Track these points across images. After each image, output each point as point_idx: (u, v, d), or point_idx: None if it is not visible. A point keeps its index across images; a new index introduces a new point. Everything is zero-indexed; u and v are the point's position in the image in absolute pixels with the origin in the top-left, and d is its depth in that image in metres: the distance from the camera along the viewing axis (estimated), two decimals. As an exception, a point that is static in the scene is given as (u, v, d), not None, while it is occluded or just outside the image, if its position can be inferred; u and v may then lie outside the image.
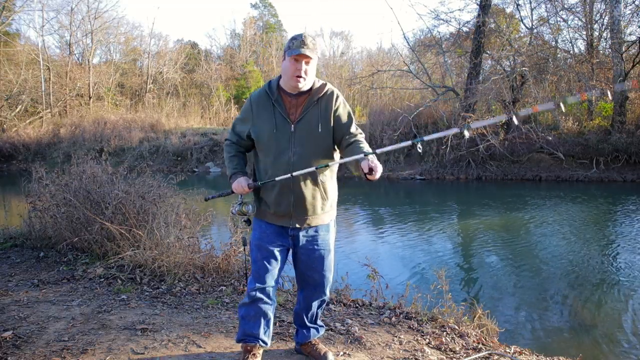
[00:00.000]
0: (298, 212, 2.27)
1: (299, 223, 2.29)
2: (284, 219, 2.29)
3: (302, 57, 2.12)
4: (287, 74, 2.19)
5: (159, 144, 19.41)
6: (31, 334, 2.79)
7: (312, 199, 2.26)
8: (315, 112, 2.22)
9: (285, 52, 2.18)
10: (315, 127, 2.20)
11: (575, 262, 6.18)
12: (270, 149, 2.24)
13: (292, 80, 2.17)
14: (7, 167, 19.74)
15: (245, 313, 2.36)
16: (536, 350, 3.14)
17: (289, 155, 2.20)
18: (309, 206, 2.27)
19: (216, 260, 4.04)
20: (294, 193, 2.24)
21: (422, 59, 18.35)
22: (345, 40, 34.89)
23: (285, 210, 2.27)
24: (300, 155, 2.20)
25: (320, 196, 2.29)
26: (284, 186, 2.23)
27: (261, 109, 2.27)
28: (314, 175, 2.23)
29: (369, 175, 1.97)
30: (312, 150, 2.22)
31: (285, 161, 2.20)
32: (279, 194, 2.25)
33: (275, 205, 2.27)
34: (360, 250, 6.59)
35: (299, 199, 2.24)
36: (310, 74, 2.18)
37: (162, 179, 5.06)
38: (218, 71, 28.86)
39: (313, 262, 2.36)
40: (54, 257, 4.54)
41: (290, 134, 2.21)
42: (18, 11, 25.75)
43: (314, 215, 2.30)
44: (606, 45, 17.19)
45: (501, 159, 15.25)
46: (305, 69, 2.14)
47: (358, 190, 12.90)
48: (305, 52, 2.10)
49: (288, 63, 2.15)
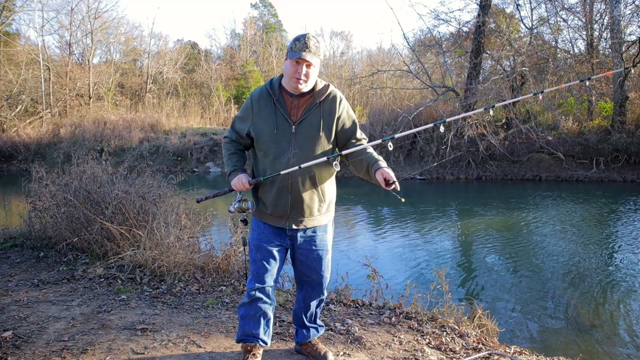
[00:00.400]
0: (295, 213, 2.26)
1: (296, 224, 2.28)
2: (281, 220, 2.29)
3: (302, 61, 2.11)
4: (287, 74, 2.18)
5: (159, 144, 19.41)
6: (31, 334, 2.79)
7: (309, 201, 2.26)
8: (317, 114, 2.21)
9: (287, 52, 2.17)
10: (316, 130, 2.19)
11: (575, 262, 6.18)
12: (270, 149, 2.22)
13: (292, 82, 2.16)
14: (7, 167, 19.74)
15: (245, 313, 2.37)
16: (536, 350, 3.14)
17: (288, 156, 2.19)
18: (305, 208, 2.26)
19: (216, 260, 4.04)
20: (291, 194, 2.23)
21: (422, 59, 18.35)
22: (345, 40, 34.97)
23: (282, 212, 2.26)
24: (299, 157, 2.18)
25: (318, 198, 2.28)
26: (281, 187, 2.22)
27: (262, 108, 2.25)
28: (312, 177, 2.22)
29: (387, 187, 2.03)
30: (311, 152, 2.20)
31: (285, 162, 2.19)
32: (276, 195, 2.24)
33: (273, 206, 2.27)
34: (360, 250, 6.59)
35: (297, 200, 2.24)
36: (312, 77, 2.16)
37: (162, 179, 5.06)
38: (218, 71, 28.86)
39: (311, 262, 2.36)
40: (54, 257, 4.54)
41: (291, 135, 2.20)
42: (18, 11, 25.76)
43: (310, 217, 2.29)
44: (606, 45, 17.20)
45: (501, 159, 15.25)
46: (307, 71, 2.13)
47: (358, 190, 12.91)
48: (306, 57, 2.08)
49: (289, 64, 2.14)
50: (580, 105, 16.70)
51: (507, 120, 15.72)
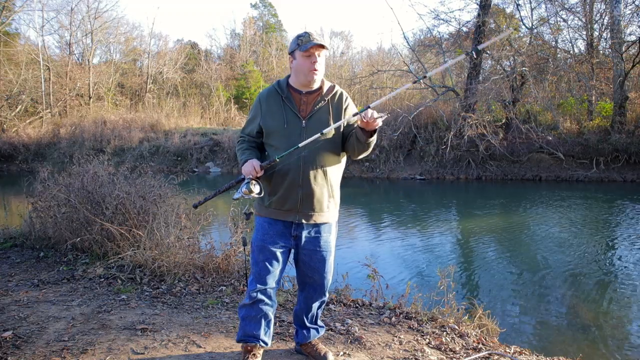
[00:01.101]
0: (305, 207, 2.26)
1: (305, 219, 2.28)
2: (290, 214, 2.28)
3: (315, 49, 2.16)
4: (302, 71, 2.21)
5: (159, 144, 19.42)
6: (31, 334, 2.79)
7: (320, 195, 2.27)
8: (325, 110, 2.26)
9: (294, 52, 2.21)
10: (325, 124, 2.22)
11: (575, 262, 6.18)
12: (281, 144, 2.23)
13: (308, 75, 2.20)
14: (7, 167, 19.74)
15: (246, 314, 2.37)
16: (536, 350, 3.14)
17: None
18: (316, 202, 2.26)
19: (216, 260, 4.04)
20: (302, 188, 2.23)
21: (422, 59, 18.34)
22: (345, 40, 34.97)
23: (292, 205, 2.26)
24: (311, 151, 2.21)
25: (328, 193, 2.29)
26: (293, 180, 2.22)
27: (271, 105, 2.28)
28: (324, 171, 2.25)
29: (368, 126, 2.09)
30: (322, 146, 2.23)
31: (295, 156, 2.20)
32: (288, 188, 2.24)
33: (282, 199, 2.26)
34: (360, 250, 6.59)
35: (307, 194, 2.24)
36: (321, 69, 2.22)
37: (163, 179, 5.06)
38: (218, 71, 28.85)
39: (315, 263, 2.36)
40: (54, 257, 4.54)
41: (302, 129, 2.22)
42: (18, 11, 25.77)
43: (320, 212, 2.29)
44: (606, 45, 17.21)
45: (501, 159, 15.26)
46: (318, 60, 2.19)
47: (358, 190, 12.91)
48: (318, 42, 2.14)
49: (301, 59, 2.18)
50: (580, 106, 16.70)
51: (507, 121, 15.72)
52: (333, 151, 2.29)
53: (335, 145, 2.29)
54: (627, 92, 15.31)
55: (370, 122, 2.06)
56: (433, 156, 15.83)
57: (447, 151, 15.17)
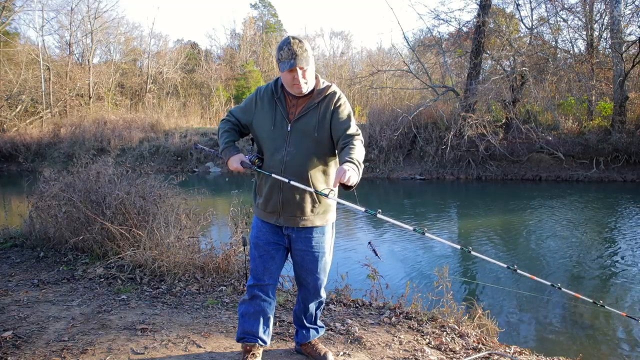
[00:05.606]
0: (286, 211, 2.25)
1: (288, 222, 2.27)
2: (273, 216, 2.28)
3: (295, 70, 2.07)
4: (286, 84, 2.16)
5: (159, 144, 19.42)
6: (31, 334, 2.79)
7: (300, 201, 2.22)
8: (314, 114, 2.19)
9: (277, 63, 2.13)
10: (312, 129, 2.17)
11: (575, 261, 6.18)
12: (268, 146, 2.23)
13: (293, 89, 2.15)
14: (7, 167, 19.74)
15: (245, 310, 2.38)
16: (536, 350, 3.14)
17: (282, 154, 2.18)
18: (296, 208, 2.23)
19: (216, 260, 4.04)
20: (282, 192, 2.22)
21: (422, 59, 18.34)
22: (345, 40, 35.06)
23: (274, 208, 2.26)
24: (293, 156, 2.17)
25: (311, 199, 2.24)
26: (274, 184, 2.22)
27: (265, 104, 2.26)
28: (305, 178, 2.17)
29: (345, 188, 1.99)
30: (305, 152, 2.18)
31: (279, 160, 2.19)
32: (269, 191, 2.25)
33: (266, 201, 2.28)
34: (360, 250, 6.59)
35: (287, 199, 2.22)
36: (310, 76, 2.14)
37: (163, 179, 5.06)
38: (218, 71, 28.86)
39: (307, 263, 2.34)
40: (54, 257, 4.54)
41: (287, 133, 2.19)
42: (18, 11, 25.78)
43: (302, 216, 2.26)
44: (606, 45, 17.22)
45: (501, 159, 15.26)
46: (303, 75, 2.10)
47: (358, 191, 12.90)
48: (297, 65, 2.03)
49: (284, 74, 2.11)
50: (580, 105, 16.70)
51: (507, 121, 15.73)
52: (320, 154, 2.21)
53: (322, 147, 2.20)
54: (627, 92, 15.31)
55: (343, 182, 1.95)
56: (433, 156, 15.83)
57: (447, 151, 15.17)
